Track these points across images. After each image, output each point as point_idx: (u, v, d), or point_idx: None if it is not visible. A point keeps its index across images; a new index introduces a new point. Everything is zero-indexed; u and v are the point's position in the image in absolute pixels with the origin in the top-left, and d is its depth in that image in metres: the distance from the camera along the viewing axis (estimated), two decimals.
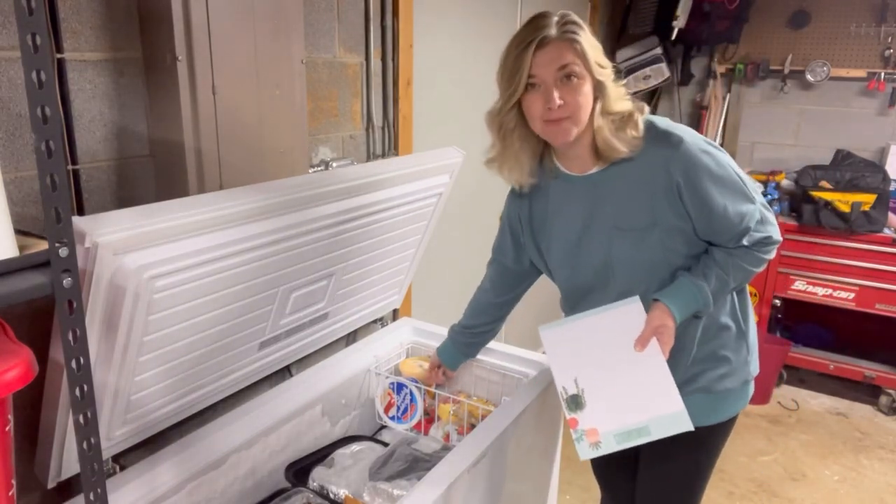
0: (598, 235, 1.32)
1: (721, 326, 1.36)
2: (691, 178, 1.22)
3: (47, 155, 0.72)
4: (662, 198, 1.24)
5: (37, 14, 0.69)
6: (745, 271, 1.30)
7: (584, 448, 1.23)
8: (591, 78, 1.21)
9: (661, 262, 1.29)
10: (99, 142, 1.24)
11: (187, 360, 1.29)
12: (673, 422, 1.21)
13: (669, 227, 1.26)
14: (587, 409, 1.24)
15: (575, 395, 1.25)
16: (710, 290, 1.26)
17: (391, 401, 1.80)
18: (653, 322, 1.25)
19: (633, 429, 1.21)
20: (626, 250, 1.29)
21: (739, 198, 1.25)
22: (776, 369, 3.35)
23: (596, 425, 1.23)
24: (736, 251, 1.28)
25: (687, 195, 1.23)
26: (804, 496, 2.62)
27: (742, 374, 1.39)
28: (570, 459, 1.81)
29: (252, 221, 1.21)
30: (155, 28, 1.24)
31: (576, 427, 1.24)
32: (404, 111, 2.00)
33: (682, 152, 1.22)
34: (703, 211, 1.24)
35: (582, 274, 1.37)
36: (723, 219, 1.24)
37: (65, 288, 0.77)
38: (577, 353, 1.28)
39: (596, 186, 1.31)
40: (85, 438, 0.84)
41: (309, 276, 1.47)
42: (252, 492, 1.49)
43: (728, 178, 1.24)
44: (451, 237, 2.46)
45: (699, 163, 1.22)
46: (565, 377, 1.27)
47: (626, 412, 1.23)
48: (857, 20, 3.41)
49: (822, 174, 3.19)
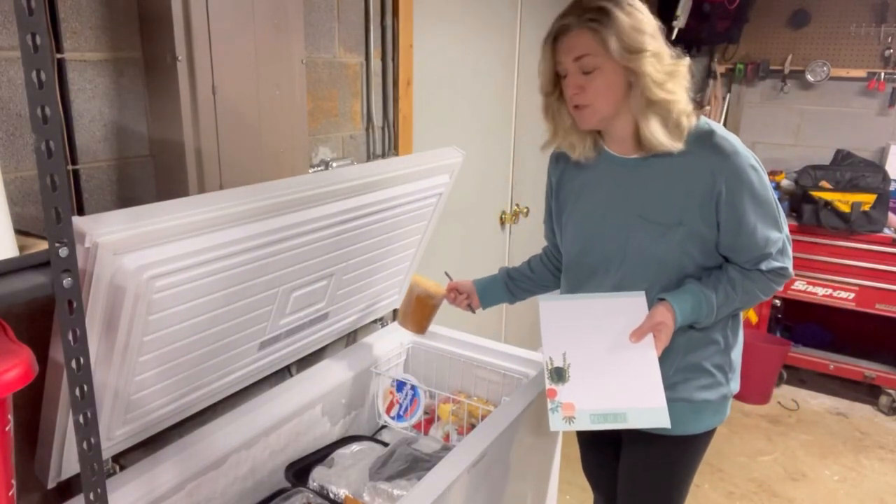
0: (619, 219, 1.32)
1: (710, 340, 1.36)
2: (734, 191, 1.23)
3: (47, 155, 0.72)
4: (698, 201, 1.25)
5: (37, 14, 0.69)
6: (753, 296, 1.31)
7: (556, 420, 1.25)
8: (617, 66, 1.20)
9: (672, 263, 1.29)
10: (99, 142, 1.24)
11: (187, 360, 1.29)
12: (652, 416, 1.22)
13: (693, 232, 1.26)
14: (569, 384, 1.26)
15: (559, 368, 1.28)
16: (716, 304, 1.27)
17: (393, 400, 1.80)
18: (655, 317, 1.26)
19: (610, 412, 1.23)
20: (643, 241, 1.30)
21: (770, 222, 1.27)
22: (776, 369, 3.35)
23: (574, 401, 1.25)
24: (751, 273, 1.30)
25: (724, 206, 1.24)
26: (804, 496, 2.63)
27: (722, 388, 1.39)
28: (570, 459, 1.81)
29: (252, 221, 1.21)
30: (155, 28, 1.24)
31: (553, 398, 1.26)
32: (404, 111, 2.00)
33: (733, 163, 1.23)
34: (733, 225, 1.25)
35: (592, 253, 1.38)
36: (750, 238, 1.26)
37: (65, 288, 0.77)
38: (571, 330, 1.31)
39: (633, 171, 1.31)
40: (85, 438, 0.84)
41: (309, 276, 1.47)
42: (252, 492, 1.49)
43: (766, 201, 1.26)
44: (451, 237, 2.46)
45: (746, 178, 1.24)
46: (554, 349, 1.29)
47: (607, 396, 1.25)
48: (857, 20, 3.41)
49: (822, 174, 3.19)
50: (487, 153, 2.65)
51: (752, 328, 3.39)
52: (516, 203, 2.95)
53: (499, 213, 2.84)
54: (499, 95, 2.64)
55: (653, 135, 1.23)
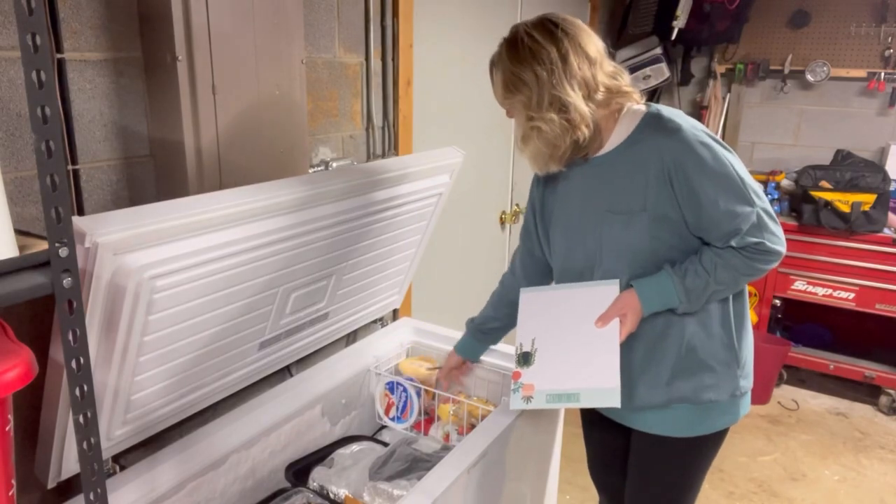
0: (592, 217, 1.34)
1: (709, 335, 1.34)
2: (682, 167, 1.23)
3: (47, 155, 0.72)
4: (654, 184, 1.25)
5: (37, 14, 0.69)
6: (733, 275, 1.27)
7: (516, 399, 1.32)
8: (523, 99, 1.28)
9: (645, 251, 1.29)
10: (99, 142, 1.24)
11: (187, 360, 1.29)
12: (604, 396, 1.26)
13: (659, 215, 1.27)
14: (533, 367, 1.34)
15: (527, 353, 1.36)
16: (685, 287, 1.26)
17: (390, 401, 1.80)
18: (618, 303, 1.29)
19: (564, 392, 1.29)
20: (614, 234, 1.31)
21: (734, 197, 1.23)
22: (776, 369, 3.35)
23: (534, 382, 1.32)
24: (724, 252, 1.27)
25: (676, 183, 1.24)
26: (804, 496, 2.63)
27: (729, 387, 1.36)
28: (570, 459, 1.81)
29: (252, 221, 1.21)
30: (155, 28, 1.24)
31: (517, 380, 1.34)
32: (404, 111, 2.00)
33: (676, 140, 1.24)
34: (692, 202, 1.24)
35: (574, 257, 1.40)
36: (713, 213, 1.24)
37: (65, 288, 0.77)
38: (544, 318, 1.38)
39: (597, 169, 1.33)
40: (85, 438, 0.84)
41: (309, 276, 1.47)
42: (252, 492, 1.49)
43: (724, 174, 1.23)
44: (451, 237, 2.46)
45: (694, 153, 1.23)
46: (525, 335, 1.38)
47: (564, 377, 1.30)
48: (857, 20, 3.41)
49: (822, 174, 3.19)
50: (487, 153, 2.65)
51: (752, 328, 3.38)
52: (516, 203, 2.95)
53: (499, 213, 2.84)
54: None
55: (587, 139, 1.29)
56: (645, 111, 1.31)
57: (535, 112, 1.26)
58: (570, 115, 1.24)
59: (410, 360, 1.90)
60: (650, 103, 1.35)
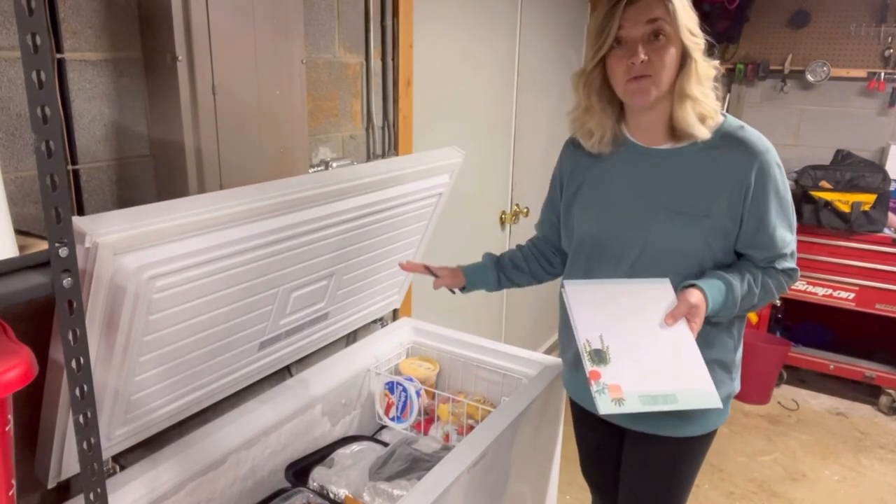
0: (642, 209, 1.31)
1: (726, 336, 1.36)
2: (762, 187, 1.25)
3: (47, 155, 0.72)
4: (727, 195, 1.25)
5: (37, 14, 0.69)
6: (769, 293, 1.32)
7: (605, 402, 1.18)
8: (679, 42, 1.22)
9: (694, 256, 1.29)
10: (99, 142, 1.24)
11: (187, 360, 1.29)
12: (701, 397, 1.19)
13: (717, 225, 1.27)
14: (611, 365, 1.21)
15: (599, 350, 1.23)
16: (739, 295, 1.27)
17: (390, 401, 1.80)
18: (690, 300, 1.23)
19: (659, 394, 1.19)
20: (667, 233, 1.29)
21: (786, 225, 1.30)
22: (776, 369, 3.35)
23: (619, 382, 1.20)
24: (768, 270, 1.32)
25: (751, 201, 1.25)
26: (804, 496, 2.63)
27: (727, 388, 1.38)
28: (570, 459, 1.81)
29: (252, 221, 1.20)
30: (155, 28, 1.24)
31: (598, 379, 1.20)
32: (404, 111, 2.00)
33: (764, 160, 1.25)
34: (755, 221, 1.27)
35: (609, 241, 1.36)
36: (769, 236, 1.28)
37: (65, 288, 0.77)
38: (602, 312, 1.27)
39: (662, 162, 1.31)
40: (85, 438, 0.84)
41: (309, 276, 1.47)
42: (252, 492, 1.49)
43: (786, 201, 1.29)
44: (451, 237, 2.46)
45: (773, 176, 1.26)
46: (589, 330, 1.25)
47: (653, 377, 1.21)
48: (857, 20, 3.41)
49: (822, 174, 3.19)
50: (487, 153, 2.65)
51: (752, 328, 3.39)
52: (516, 203, 2.95)
53: (499, 213, 2.84)
54: (499, 95, 2.64)
55: (687, 122, 1.25)
56: (724, 119, 1.31)
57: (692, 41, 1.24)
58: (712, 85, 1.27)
59: (410, 360, 1.90)
60: (725, 112, 1.34)
